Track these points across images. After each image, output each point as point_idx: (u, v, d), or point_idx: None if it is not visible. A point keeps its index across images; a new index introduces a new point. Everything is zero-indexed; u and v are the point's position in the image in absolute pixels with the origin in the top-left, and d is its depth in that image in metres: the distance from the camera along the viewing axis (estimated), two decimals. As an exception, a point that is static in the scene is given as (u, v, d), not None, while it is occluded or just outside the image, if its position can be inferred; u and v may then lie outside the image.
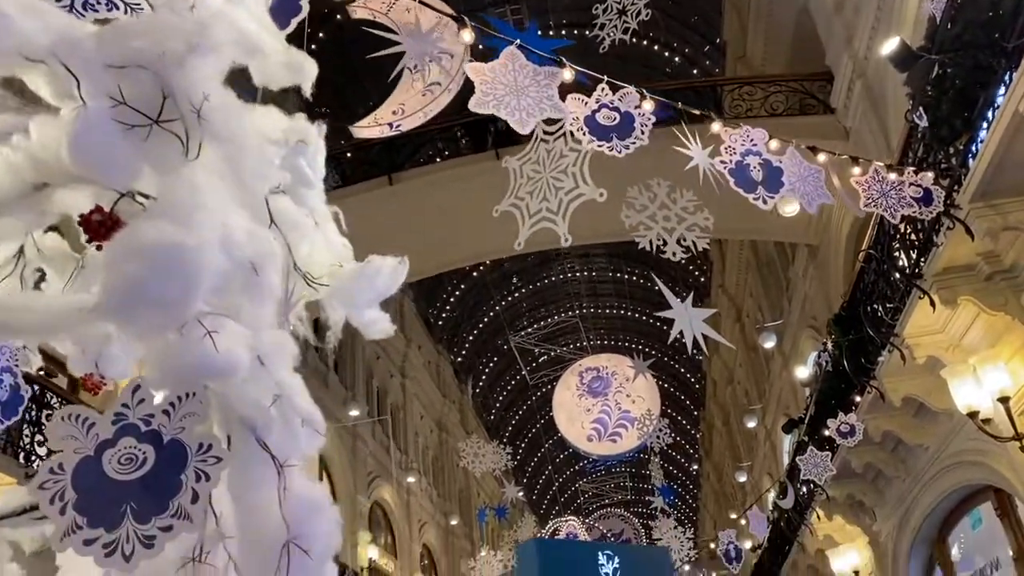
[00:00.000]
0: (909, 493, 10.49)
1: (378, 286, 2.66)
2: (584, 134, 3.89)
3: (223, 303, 1.52)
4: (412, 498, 26.34)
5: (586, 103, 3.91)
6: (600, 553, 6.14)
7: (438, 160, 16.83)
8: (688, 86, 17.07)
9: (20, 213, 1.52)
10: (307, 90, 2.24)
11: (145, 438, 1.55)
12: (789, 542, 14.71)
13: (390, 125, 16.09)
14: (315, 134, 2.51)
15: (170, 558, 1.58)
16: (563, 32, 23.27)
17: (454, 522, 29.81)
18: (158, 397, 1.55)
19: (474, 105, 3.65)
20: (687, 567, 19.91)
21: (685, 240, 6.97)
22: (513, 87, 3.55)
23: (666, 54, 25.08)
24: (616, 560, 6.15)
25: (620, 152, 3.95)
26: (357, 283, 2.69)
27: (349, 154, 17.75)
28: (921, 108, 6.43)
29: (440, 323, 31.68)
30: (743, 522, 13.94)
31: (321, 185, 2.67)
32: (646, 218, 7.12)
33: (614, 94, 3.90)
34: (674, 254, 7.12)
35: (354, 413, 21.24)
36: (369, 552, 21.48)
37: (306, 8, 2.73)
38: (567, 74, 3.64)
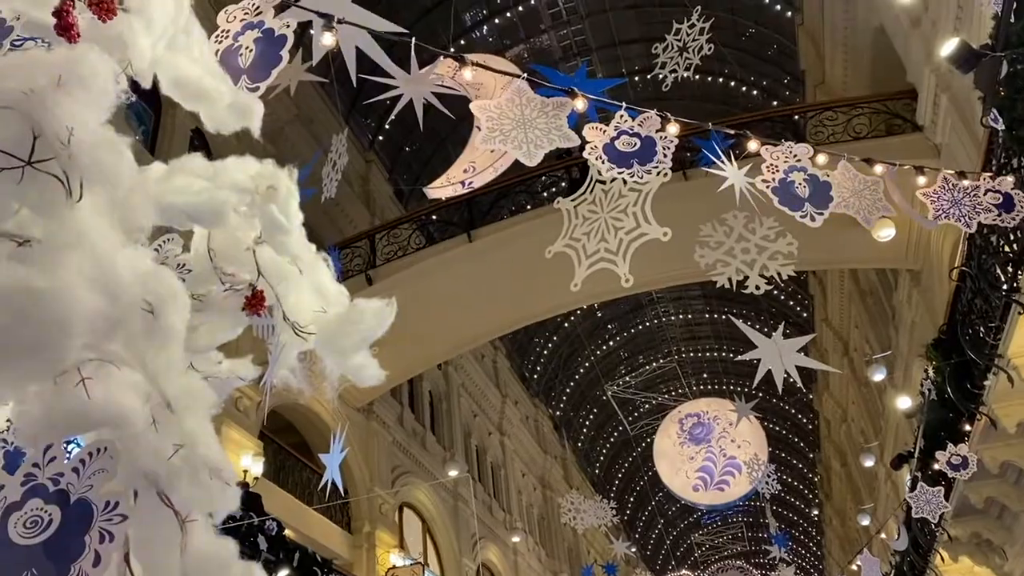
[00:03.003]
0: (1040, 529, 9.62)
1: (363, 330, 2.56)
2: (603, 162, 3.75)
3: (122, 351, 1.44)
4: (520, 558, 25.91)
5: (604, 131, 3.77)
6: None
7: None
8: (764, 117, 16.65)
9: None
10: (255, 130, 2.19)
11: (52, 498, 1.48)
12: (915, 588, 13.68)
13: (462, 183, 16.16)
14: (285, 179, 2.46)
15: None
16: (636, 79, 23.29)
17: (564, 581, 29.16)
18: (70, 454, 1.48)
19: (480, 142, 3.57)
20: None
21: (768, 271, 6.64)
22: (520, 120, 3.46)
23: (743, 89, 24.75)
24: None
25: (641, 178, 3.78)
26: (342, 328, 2.60)
27: (435, 216, 18.06)
28: (995, 110, 6.01)
29: (535, 377, 31.49)
30: (855, 567, 13.06)
31: (300, 230, 2.61)
32: (723, 254, 6.83)
33: (633, 120, 3.76)
34: (757, 287, 6.79)
35: (453, 473, 21.15)
36: (479, 616, 21.16)
37: (286, 59, 2.71)
38: (579, 103, 3.52)
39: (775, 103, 22.92)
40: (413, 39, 3.46)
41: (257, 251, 2.57)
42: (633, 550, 33.15)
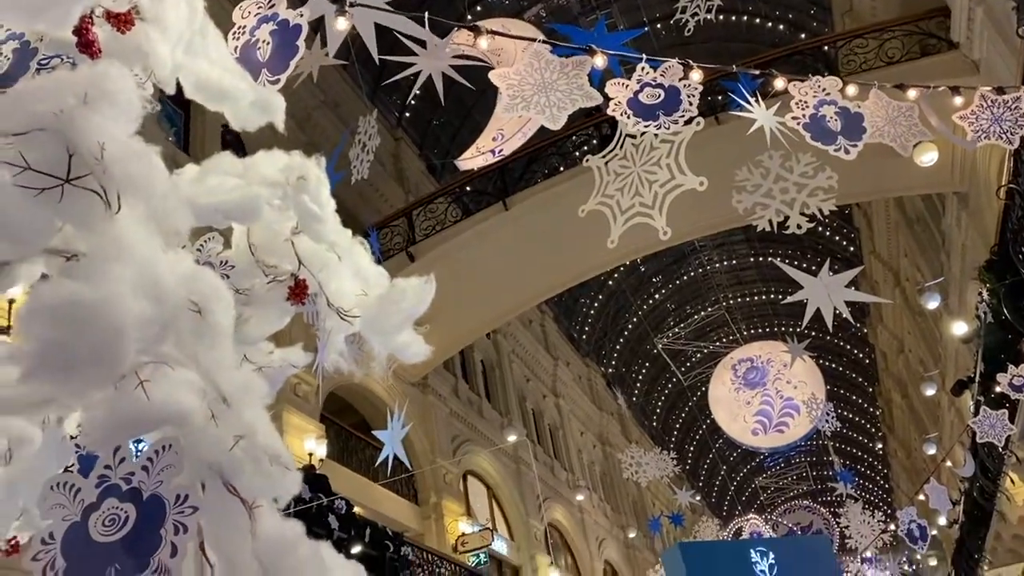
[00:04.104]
0: (1111, 443, 9.43)
1: (405, 309, 2.60)
2: (628, 117, 3.72)
3: (175, 351, 1.50)
4: (586, 516, 26.18)
5: (627, 85, 3.74)
6: (752, 550, 5.78)
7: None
8: (792, 51, 16.26)
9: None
10: (279, 124, 2.22)
11: (127, 496, 1.55)
12: (988, 513, 13.53)
13: (492, 152, 16.06)
14: (314, 168, 2.49)
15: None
16: (658, 26, 22.86)
17: (632, 535, 29.39)
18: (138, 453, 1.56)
19: (503, 110, 3.56)
20: (868, 553, 18.65)
21: (808, 209, 6.54)
22: (541, 84, 3.44)
23: (769, 25, 24.17)
24: (771, 556, 5.78)
25: (668, 128, 3.75)
26: (384, 309, 2.64)
27: (468, 188, 18.05)
28: (1031, 19, 5.79)
29: (584, 337, 31.52)
30: (922, 497, 12.97)
31: (334, 217, 2.64)
32: (761, 196, 6.74)
33: (655, 71, 3.71)
34: (799, 226, 6.70)
35: (512, 438, 21.38)
36: (551, 575, 21.44)
37: (302, 50, 2.74)
38: (598, 60, 3.49)
39: (803, 36, 22.34)
40: (427, 15, 3.46)
41: (295, 241, 2.63)
42: (698, 498, 33.24)
